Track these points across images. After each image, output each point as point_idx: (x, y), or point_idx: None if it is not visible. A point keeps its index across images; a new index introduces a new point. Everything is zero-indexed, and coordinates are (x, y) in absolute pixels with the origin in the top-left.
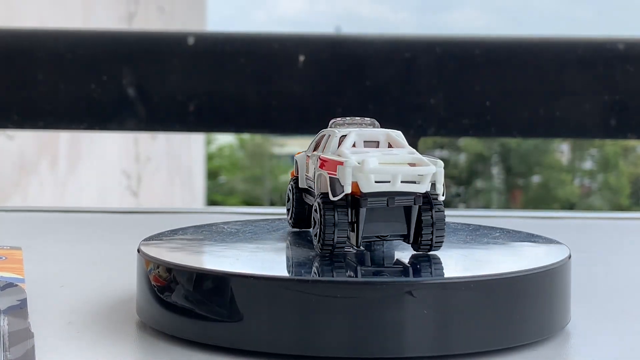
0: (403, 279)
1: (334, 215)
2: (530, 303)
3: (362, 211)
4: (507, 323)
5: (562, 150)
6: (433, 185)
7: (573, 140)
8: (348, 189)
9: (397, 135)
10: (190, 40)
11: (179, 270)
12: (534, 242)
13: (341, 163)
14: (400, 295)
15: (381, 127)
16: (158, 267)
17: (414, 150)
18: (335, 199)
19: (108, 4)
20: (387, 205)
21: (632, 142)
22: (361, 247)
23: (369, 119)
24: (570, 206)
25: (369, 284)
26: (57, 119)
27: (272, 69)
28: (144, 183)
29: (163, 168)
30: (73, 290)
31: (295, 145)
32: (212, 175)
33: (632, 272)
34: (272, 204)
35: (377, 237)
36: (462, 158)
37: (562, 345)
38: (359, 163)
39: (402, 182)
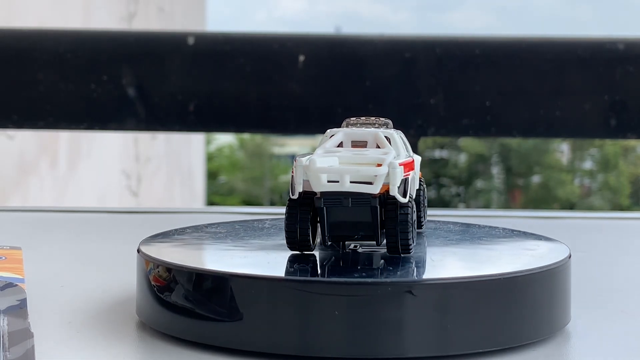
0: (403, 279)
1: (294, 214)
2: (530, 303)
3: (322, 210)
4: (507, 323)
5: (562, 150)
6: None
7: (573, 140)
8: (299, 188)
9: (390, 135)
10: (190, 40)
11: (179, 270)
12: (534, 242)
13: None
14: (400, 295)
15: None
16: (158, 268)
17: (403, 151)
18: (293, 197)
19: (108, 4)
20: (342, 204)
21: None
22: (341, 246)
23: (383, 119)
24: (570, 206)
25: (369, 284)
26: (57, 119)
27: (272, 69)
28: (144, 183)
29: (163, 168)
30: (73, 290)
31: (295, 145)
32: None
33: (632, 272)
34: (272, 203)
35: (348, 236)
36: (462, 158)
37: (562, 345)
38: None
39: (353, 182)
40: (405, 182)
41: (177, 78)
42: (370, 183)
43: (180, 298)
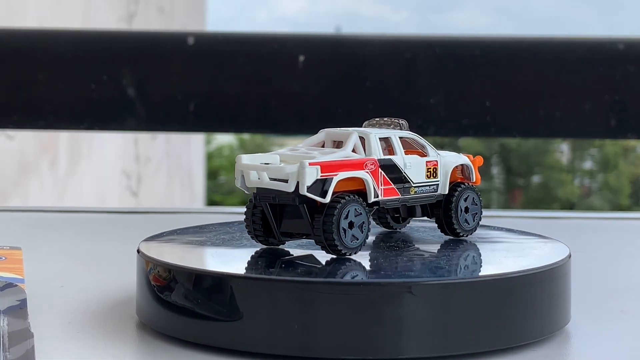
0: (403, 279)
1: (248, 209)
2: (530, 303)
3: (266, 207)
4: (507, 323)
5: (562, 150)
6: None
7: (573, 140)
8: (237, 184)
9: (366, 135)
10: (190, 40)
11: (179, 270)
12: (534, 241)
13: None
14: (400, 295)
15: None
16: (157, 268)
17: (377, 152)
18: (247, 192)
19: (108, 4)
20: (272, 201)
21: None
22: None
23: (398, 120)
24: (570, 206)
25: (369, 284)
26: (57, 119)
27: (272, 69)
28: (144, 183)
29: (163, 168)
30: (73, 290)
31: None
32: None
33: (632, 272)
34: None
35: (294, 234)
36: None
37: (562, 345)
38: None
39: (273, 179)
40: (325, 182)
41: (177, 78)
42: (286, 181)
43: (180, 299)
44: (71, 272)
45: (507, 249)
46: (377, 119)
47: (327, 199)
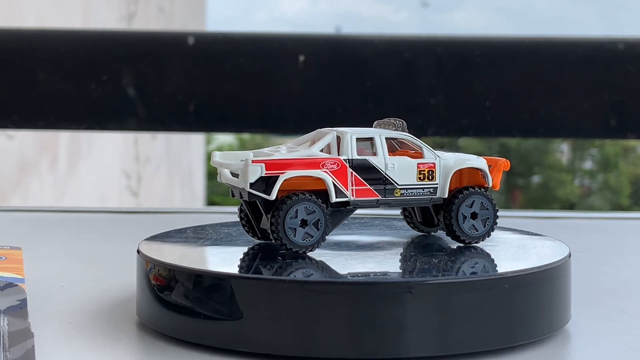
0: (403, 279)
1: (240, 207)
2: (530, 302)
3: (245, 204)
4: (507, 323)
5: (562, 150)
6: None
7: (573, 140)
8: (219, 179)
9: (342, 134)
10: (190, 40)
11: (179, 271)
12: (534, 241)
13: None
14: (400, 295)
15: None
16: (157, 268)
17: (349, 151)
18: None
19: (108, 4)
20: (240, 197)
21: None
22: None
23: (395, 120)
24: (570, 206)
25: (369, 284)
26: (57, 119)
27: (272, 69)
28: (144, 183)
29: (163, 168)
30: (73, 290)
31: None
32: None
33: (632, 272)
34: None
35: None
36: None
37: (562, 345)
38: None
39: (235, 175)
40: (269, 179)
41: (177, 78)
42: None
43: (180, 299)
44: (71, 272)
45: (507, 248)
46: (385, 120)
47: (272, 197)
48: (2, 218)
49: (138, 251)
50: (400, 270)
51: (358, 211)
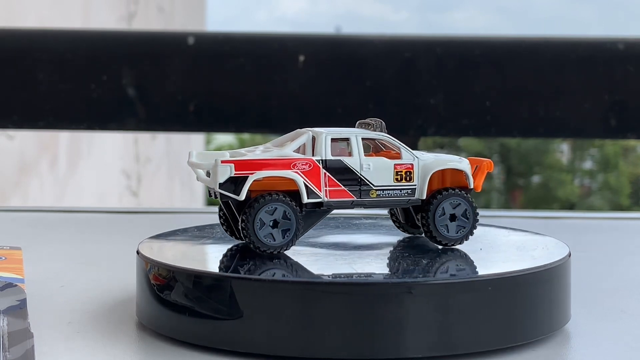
0: (403, 279)
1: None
2: (530, 302)
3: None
4: (507, 322)
5: (562, 150)
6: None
7: (573, 140)
8: (197, 179)
9: (317, 134)
10: (190, 40)
11: (179, 271)
12: (534, 241)
13: None
14: (400, 295)
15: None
16: (157, 269)
17: (322, 151)
18: None
19: (108, 4)
20: (214, 197)
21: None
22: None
23: (373, 120)
24: (570, 206)
25: (369, 284)
26: (57, 119)
27: (272, 69)
28: (144, 183)
29: (163, 168)
30: (73, 290)
31: None
32: None
33: (632, 272)
34: None
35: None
36: None
37: (562, 345)
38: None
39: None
40: (238, 180)
41: (177, 78)
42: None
43: (180, 300)
44: (71, 272)
45: (507, 248)
46: (365, 120)
47: (241, 197)
48: (2, 218)
49: (138, 252)
50: (400, 271)
51: (353, 212)
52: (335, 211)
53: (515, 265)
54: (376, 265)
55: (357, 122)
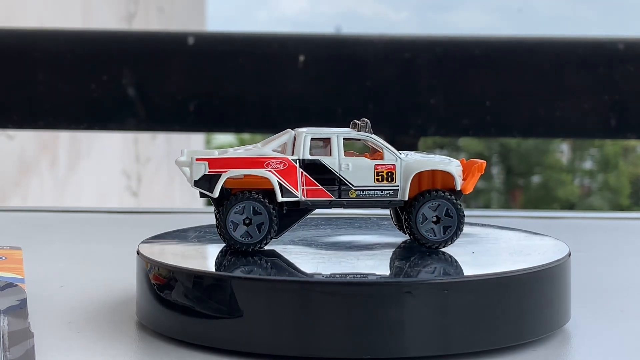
0: (403, 279)
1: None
2: (530, 302)
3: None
4: (507, 322)
5: (562, 150)
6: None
7: (573, 140)
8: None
9: (299, 134)
10: (190, 40)
11: (179, 271)
12: (534, 240)
13: None
14: (400, 295)
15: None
16: (157, 269)
17: (301, 151)
18: None
19: (108, 4)
20: (201, 196)
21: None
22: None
23: (360, 120)
24: (570, 206)
25: (369, 284)
26: (57, 119)
27: (272, 69)
28: (144, 183)
29: (163, 168)
30: (73, 290)
31: None
32: None
33: (632, 272)
34: None
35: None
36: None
37: (562, 345)
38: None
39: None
40: (212, 177)
41: (177, 78)
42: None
43: (180, 300)
44: (71, 272)
45: (507, 248)
46: (354, 120)
47: (215, 194)
48: (2, 218)
49: (138, 252)
50: (399, 271)
51: (353, 212)
52: (335, 211)
53: (515, 265)
54: (376, 265)
55: (351, 122)
